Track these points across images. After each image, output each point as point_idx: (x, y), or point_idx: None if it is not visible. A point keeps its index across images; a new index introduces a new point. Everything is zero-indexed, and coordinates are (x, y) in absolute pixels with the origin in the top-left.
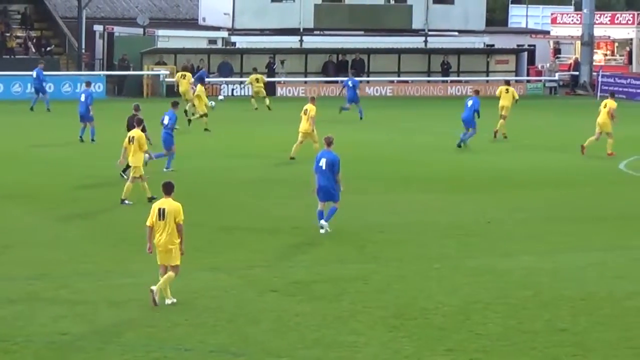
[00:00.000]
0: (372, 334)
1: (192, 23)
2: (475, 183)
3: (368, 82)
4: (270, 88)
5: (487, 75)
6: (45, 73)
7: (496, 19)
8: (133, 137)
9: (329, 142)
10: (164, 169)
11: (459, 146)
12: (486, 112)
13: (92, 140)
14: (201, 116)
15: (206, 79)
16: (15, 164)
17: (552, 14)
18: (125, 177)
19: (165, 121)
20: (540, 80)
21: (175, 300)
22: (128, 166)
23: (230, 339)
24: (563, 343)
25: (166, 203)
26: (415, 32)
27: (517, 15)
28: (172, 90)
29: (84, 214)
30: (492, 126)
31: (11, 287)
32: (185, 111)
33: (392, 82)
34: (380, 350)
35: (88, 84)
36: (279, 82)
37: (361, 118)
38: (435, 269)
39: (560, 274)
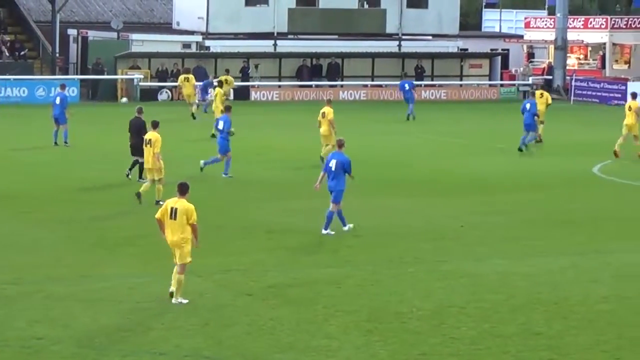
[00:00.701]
0: (346, 338)
1: (166, 27)
2: (450, 187)
3: (342, 86)
4: (244, 92)
5: (461, 80)
6: (19, 77)
7: (470, 23)
8: (150, 139)
9: (340, 144)
10: (223, 174)
11: (520, 150)
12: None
13: (65, 143)
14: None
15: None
16: None
17: (525, 18)
18: (129, 178)
19: (220, 126)
20: (514, 85)
21: (186, 301)
22: (133, 166)
23: (205, 342)
24: (537, 347)
25: (179, 203)
26: (389, 36)
27: (491, 20)
28: (146, 94)
29: (59, 219)
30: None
31: None
32: (193, 114)
33: (366, 86)
34: (355, 354)
35: (63, 86)
36: (253, 87)
37: (414, 118)
38: (409, 272)
39: (534, 278)
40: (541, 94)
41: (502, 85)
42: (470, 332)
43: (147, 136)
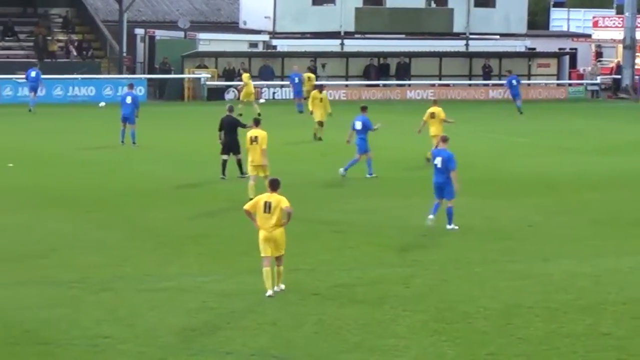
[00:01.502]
0: (413, 337)
1: (233, 26)
2: (516, 186)
3: (409, 85)
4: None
5: (529, 79)
6: (86, 76)
7: (537, 22)
8: (256, 136)
9: (444, 140)
10: (367, 175)
11: None
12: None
13: (134, 143)
14: None
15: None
16: (58, 167)
17: (593, 17)
18: (225, 178)
19: (358, 126)
20: (582, 84)
21: (283, 286)
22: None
23: (271, 342)
24: (606, 347)
25: (272, 197)
26: (457, 36)
27: (559, 19)
28: (213, 93)
29: (125, 218)
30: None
31: (54, 290)
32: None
33: (434, 85)
34: (422, 354)
35: (131, 86)
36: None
37: (521, 113)
38: (476, 272)
39: (601, 278)
40: None
41: (570, 84)
42: (537, 332)
43: (252, 133)
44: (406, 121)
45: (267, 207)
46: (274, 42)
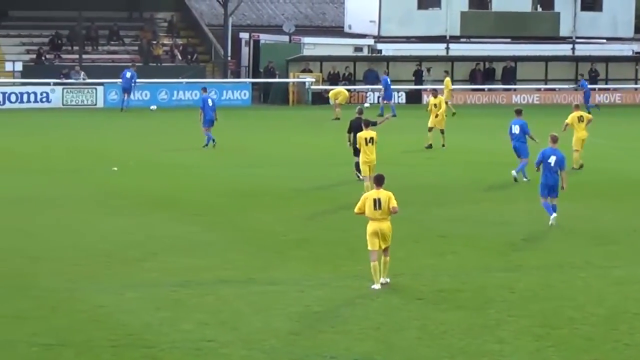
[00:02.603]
0: (518, 343)
1: (337, 30)
2: (621, 191)
3: (515, 89)
4: (416, 96)
5: (636, 83)
6: (191, 80)
7: None
8: (371, 137)
9: (555, 140)
10: (524, 179)
11: None
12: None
13: (213, 143)
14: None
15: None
16: (161, 170)
17: None
18: (360, 177)
19: (516, 130)
20: None
21: (388, 279)
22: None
23: (375, 346)
24: None
25: (380, 193)
26: (563, 40)
27: None
28: (318, 98)
29: (228, 221)
30: None
31: (157, 294)
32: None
33: (539, 90)
34: (527, 359)
35: (205, 90)
36: (425, 90)
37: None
38: (581, 277)
39: None
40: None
41: None
42: None
43: (365, 134)
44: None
45: (377, 204)
46: (379, 46)
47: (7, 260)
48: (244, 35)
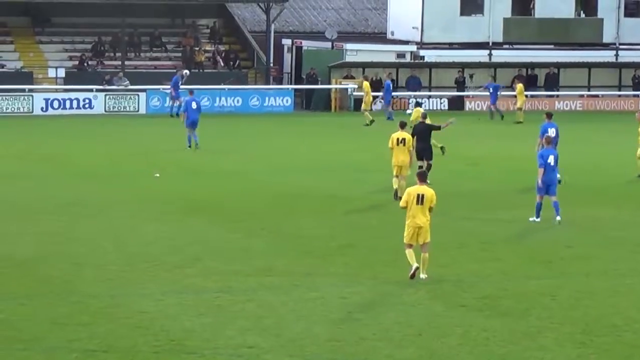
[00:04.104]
0: (560, 350)
1: (380, 37)
2: None
3: (557, 96)
4: (459, 102)
5: None
6: (233, 87)
7: None
8: (403, 138)
9: (549, 141)
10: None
11: None
12: None
13: (196, 145)
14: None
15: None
16: (203, 176)
17: None
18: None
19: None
20: None
21: (426, 276)
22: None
23: (417, 353)
24: None
25: (424, 189)
26: (606, 46)
27: None
28: (360, 104)
29: (268, 227)
30: None
31: (199, 299)
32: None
33: (582, 96)
34: None
35: (191, 92)
36: (467, 97)
37: None
38: (625, 284)
39: None
40: None
41: None
42: None
43: (397, 135)
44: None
45: (420, 199)
46: (422, 52)
47: (51, 266)
48: (287, 42)
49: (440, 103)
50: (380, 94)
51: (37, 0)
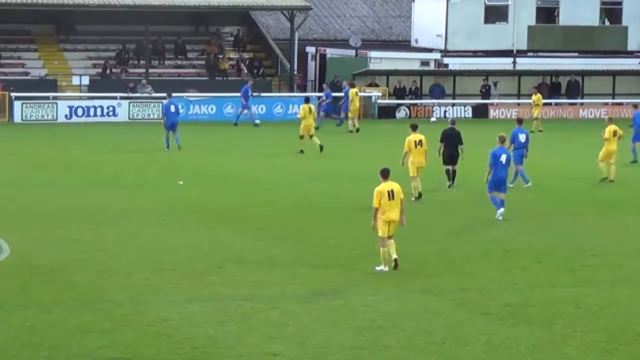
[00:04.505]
0: (584, 358)
1: (404, 45)
2: None
3: (582, 104)
4: (483, 110)
5: None
6: (257, 94)
7: None
8: (420, 140)
9: (502, 140)
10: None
11: None
12: None
13: (178, 146)
14: None
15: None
16: (226, 184)
17: None
18: (452, 185)
19: (522, 139)
20: None
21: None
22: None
23: None
24: None
25: (392, 185)
26: (630, 54)
27: None
28: (384, 111)
29: (292, 235)
30: None
31: (222, 307)
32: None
33: (607, 104)
34: None
35: (169, 95)
36: (492, 104)
37: None
38: None
39: None
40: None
41: None
42: None
43: (414, 137)
44: (577, 138)
45: (391, 194)
46: (446, 60)
47: (75, 273)
48: (311, 50)
49: (465, 111)
50: (407, 102)
51: (62, 8)
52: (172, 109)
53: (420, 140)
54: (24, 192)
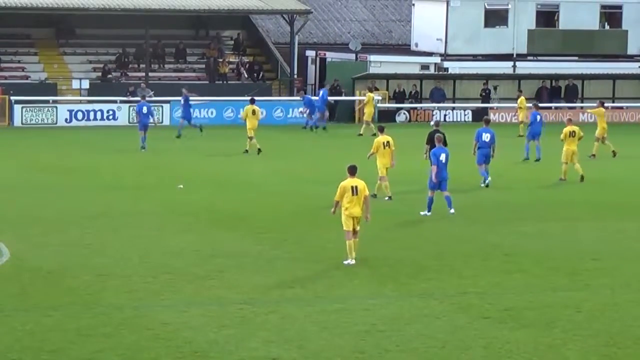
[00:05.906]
0: None
1: (404, 49)
2: None
3: (582, 107)
4: (483, 114)
5: None
6: (257, 98)
7: None
8: (388, 141)
9: (440, 140)
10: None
11: None
12: None
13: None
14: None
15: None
16: (226, 188)
17: None
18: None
19: (486, 138)
20: None
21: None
22: None
23: None
24: None
25: (356, 182)
26: (630, 58)
27: None
28: (384, 115)
29: (292, 239)
30: None
31: (222, 311)
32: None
33: (607, 108)
34: None
35: (143, 97)
36: (492, 108)
37: None
38: None
39: None
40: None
41: None
42: None
43: (383, 139)
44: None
45: (355, 190)
46: (446, 64)
47: (75, 277)
48: (310, 53)
49: (465, 115)
50: (408, 105)
51: (62, 12)
52: (145, 110)
53: (388, 142)
54: (24, 195)
